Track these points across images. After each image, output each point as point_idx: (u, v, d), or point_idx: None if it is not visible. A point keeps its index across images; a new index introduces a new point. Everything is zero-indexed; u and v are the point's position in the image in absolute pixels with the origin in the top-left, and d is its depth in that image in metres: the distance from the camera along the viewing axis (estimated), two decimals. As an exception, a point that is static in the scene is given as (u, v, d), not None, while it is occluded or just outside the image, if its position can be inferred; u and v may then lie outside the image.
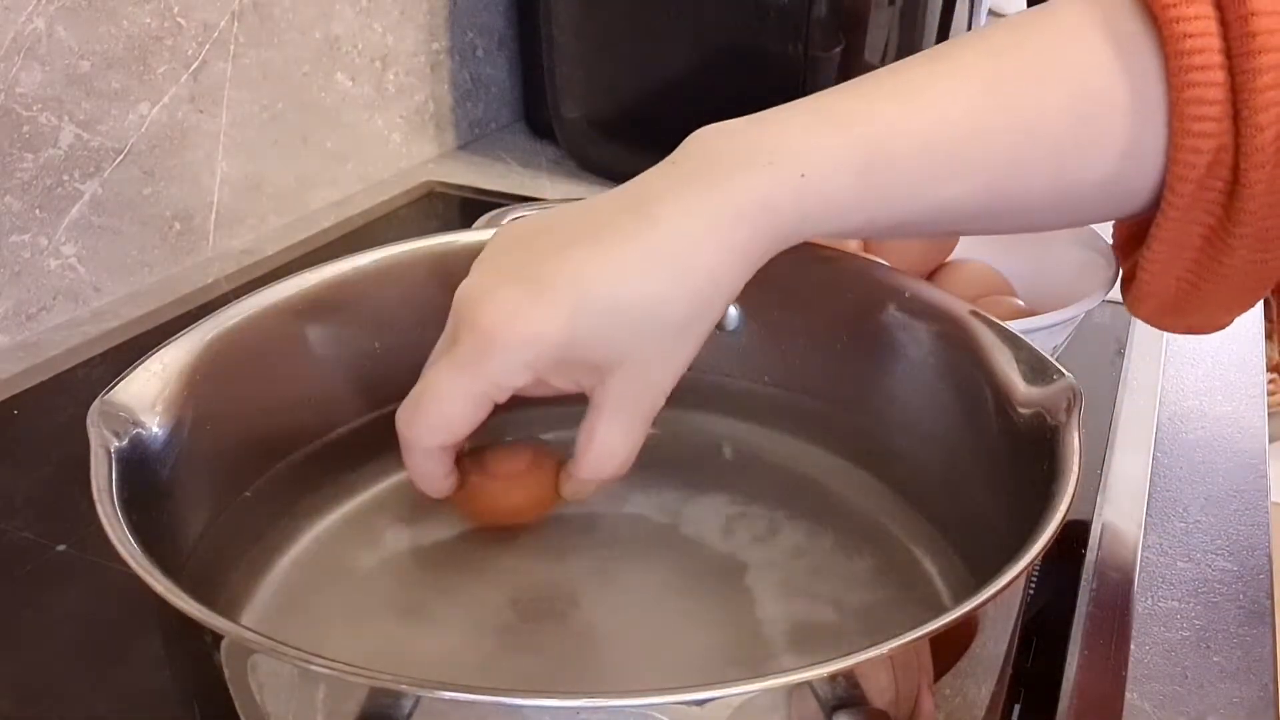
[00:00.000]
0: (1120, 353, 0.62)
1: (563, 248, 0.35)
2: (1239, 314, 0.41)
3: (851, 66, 0.79)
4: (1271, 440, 0.59)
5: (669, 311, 0.35)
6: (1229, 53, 0.34)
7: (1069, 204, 0.38)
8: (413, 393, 0.37)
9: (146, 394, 0.37)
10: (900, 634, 0.26)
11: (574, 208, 0.37)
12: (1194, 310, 0.40)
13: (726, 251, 0.35)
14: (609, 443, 0.37)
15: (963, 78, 0.36)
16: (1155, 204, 0.37)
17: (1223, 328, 0.42)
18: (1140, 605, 0.45)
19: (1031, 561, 0.29)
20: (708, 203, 0.35)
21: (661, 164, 0.37)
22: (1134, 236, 0.41)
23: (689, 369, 0.37)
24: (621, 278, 0.34)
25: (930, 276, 0.59)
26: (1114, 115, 0.36)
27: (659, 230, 0.35)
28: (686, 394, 0.50)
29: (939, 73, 0.37)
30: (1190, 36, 0.34)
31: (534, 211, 0.39)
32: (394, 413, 0.48)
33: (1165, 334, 0.64)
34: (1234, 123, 0.34)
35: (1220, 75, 0.34)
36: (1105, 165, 0.36)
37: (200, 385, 0.38)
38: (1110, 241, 0.57)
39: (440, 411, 0.36)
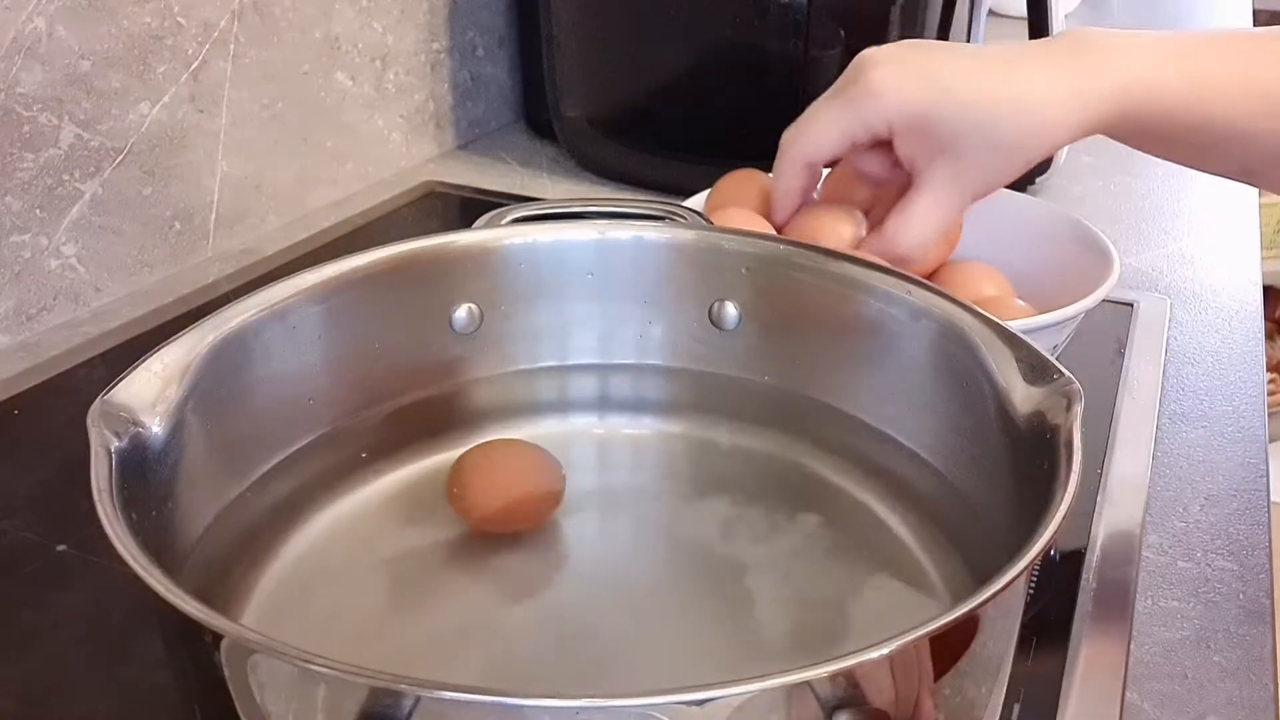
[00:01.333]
0: (1120, 353, 0.62)
1: (954, 58, 0.49)
2: None
3: (851, 66, 0.79)
4: (1271, 440, 0.59)
5: (1009, 125, 0.47)
6: None
7: None
8: (799, 119, 0.51)
9: (146, 394, 0.37)
10: (900, 634, 0.26)
11: (966, 47, 0.52)
12: None
13: (1066, 111, 0.47)
14: (915, 213, 0.49)
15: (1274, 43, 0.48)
16: None
17: None
18: (1140, 605, 0.45)
19: (1031, 561, 0.29)
20: (1071, 70, 0.47)
21: (1042, 40, 0.50)
22: None
23: (689, 365, 0.38)
24: (987, 88, 0.47)
25: (930, 276, 0.59)
26: None
27: (1026, 68, 0.48)
28: (686, 393, 0.50)
29: (1254, 33, 0.48)
30: None
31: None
32: (393, 412, 0.48)
33: (1165, 334, 0.64)
34: None
35: None
36: None
37: (200, 385, 0.38)
38: (1110, 241, 0.57)
39: (816, 130, 0.50)
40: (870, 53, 0.49)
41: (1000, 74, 0.47)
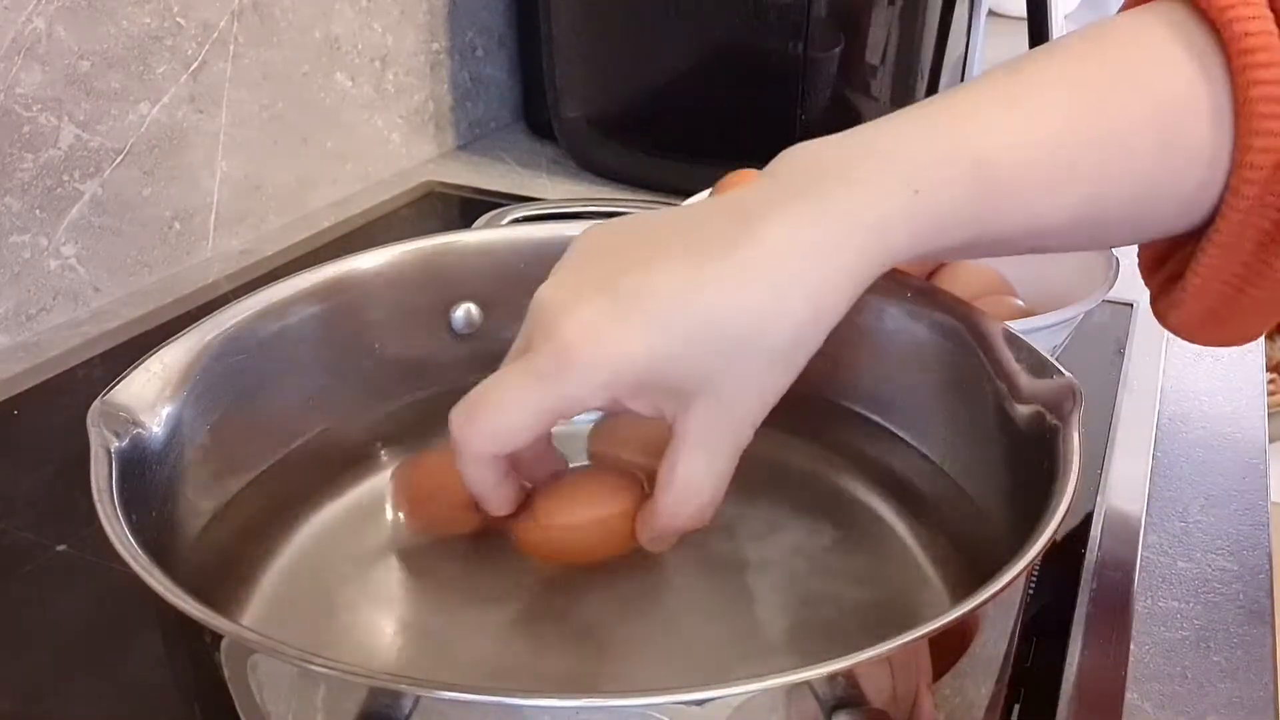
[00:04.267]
0: (1120, 353, 0.62)
1: (653, 259, 0.33)
2: (1273, 323, 0.40)
3: (851, 66, 0.79)
4: (1271, 440, 0.59)
5: (765, 334, 0.33)
6: None
7: (1154, 216, 0.37)
8: (472, 393, 0.34)
9: (146, 394, 0.37)
10: (900, 634, 0.26)
11: (666, 216, 0.35)
12: (1231, 319, 0.39)
13: (833, 271, 0.33)
14: (691, 479, 0.34)
15: (1055, 87, 0.35)
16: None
17: (1252, 339, 0.41)
18: (1140, 605, 0.45)
19: (1031, 561, 0.29)
20: (816, 218, 0.33)
21: (759, 179, 0.35)
22: (1159, 257, 0.40)
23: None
24: (715, 294, 0.32)
25: (930, 276, 0.59)
26: (1196, 121, 0.35)
27: (761, 246, 0.32)
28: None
29: (1032, 83, 0.36)
30: (1250, 35, 0.34)
31: (615, 220, 0.36)
32: (392, 412, 0.48)
33: (1165, 334, 0.64)
34: None
35: None
36: (1193, 172, 0.35)
37: (200, 385, 0.38)
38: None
39: (499, 419, 0.33)
40: (548, 293, 0.34)
41: (729, 265, 0.32)
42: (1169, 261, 0.40)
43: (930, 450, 0.44)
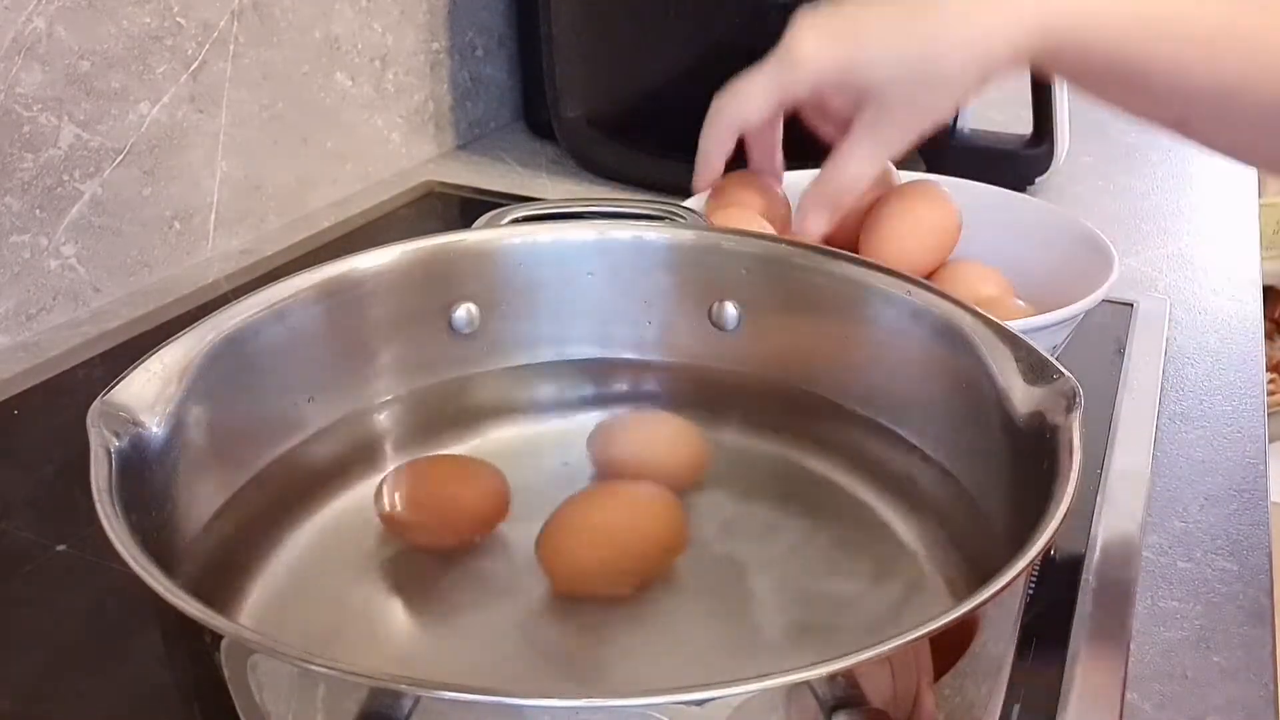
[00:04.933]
0: (1120, 353, 0.62)
1: (878, 12, 0.50)
2: None
3: (851, 66, 0.79)
4: (1271, 440, 0.59)
5: (931, 69, 0.48)
6: None
7: None
8: (733, 84, 0.54)
9: (146, 394, 0.37)
10: (900, 634, 0.26)
11: None
12: None
13: (993, 44, 0.47)
14: (851, 155, 0.51)
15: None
16: None
17: None
18: (1140, 605, 0.45)
19: (1031, 561, 0.29)
20: (990, 6, 0.47)
21: None
22: None
23: (689, 364, 0.37)
24: (901, 32, 0.49)
25: (930, 276, 0.59)
26: None
27: (944, 13, 0.48)
28: (686, 392, 0.50)
29: None
30: None
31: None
32: (392, 412, 0.48)
33: (1165, 334, 0.64)
34: None
35: None
36: None
37: (200, 385, 0.38)
38: (1110, 242, 0.57)
39: (746, 92, 0.53)
40: (803, 18, 0.51)
41: (914, 17, 0.49)
42: None
43: (930, 450, 0.44)
